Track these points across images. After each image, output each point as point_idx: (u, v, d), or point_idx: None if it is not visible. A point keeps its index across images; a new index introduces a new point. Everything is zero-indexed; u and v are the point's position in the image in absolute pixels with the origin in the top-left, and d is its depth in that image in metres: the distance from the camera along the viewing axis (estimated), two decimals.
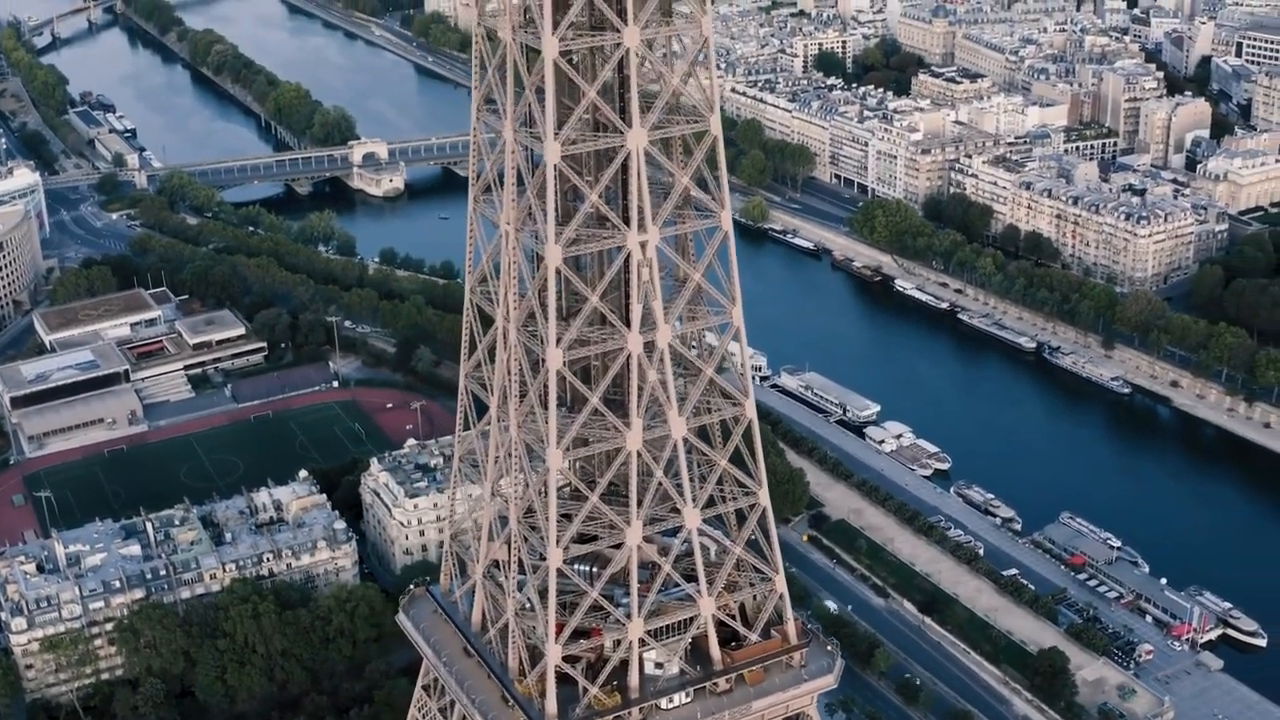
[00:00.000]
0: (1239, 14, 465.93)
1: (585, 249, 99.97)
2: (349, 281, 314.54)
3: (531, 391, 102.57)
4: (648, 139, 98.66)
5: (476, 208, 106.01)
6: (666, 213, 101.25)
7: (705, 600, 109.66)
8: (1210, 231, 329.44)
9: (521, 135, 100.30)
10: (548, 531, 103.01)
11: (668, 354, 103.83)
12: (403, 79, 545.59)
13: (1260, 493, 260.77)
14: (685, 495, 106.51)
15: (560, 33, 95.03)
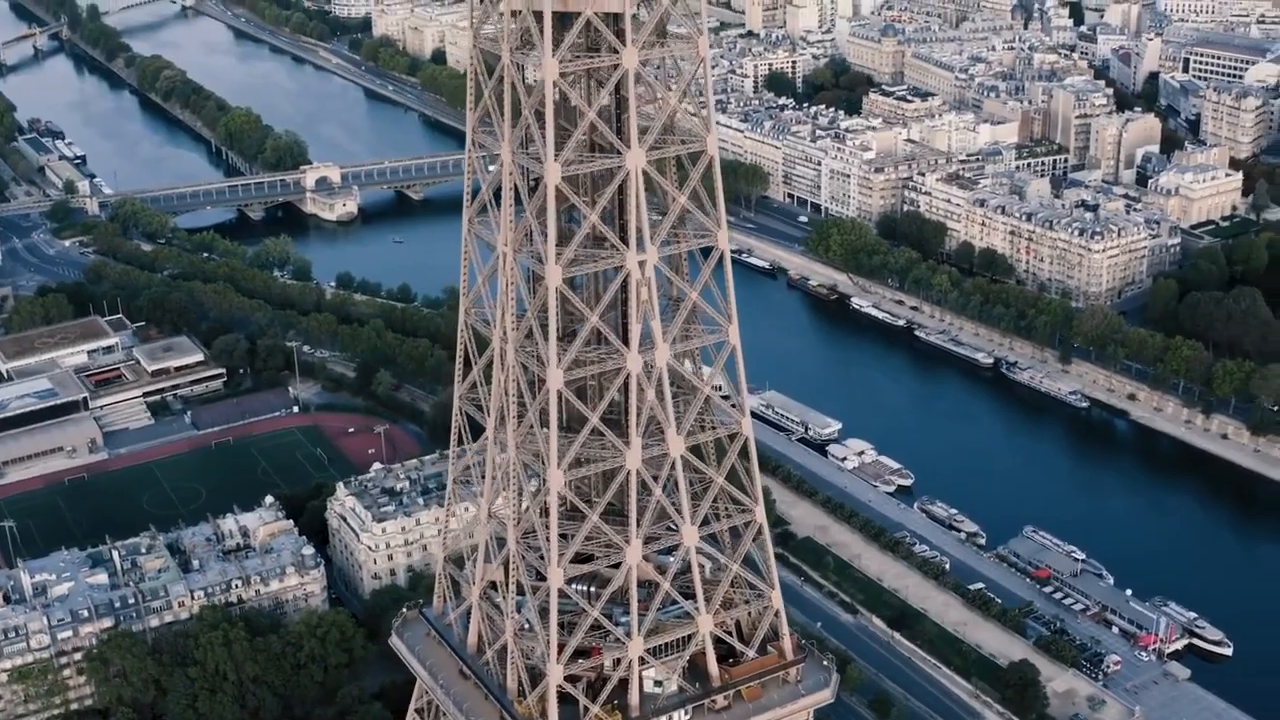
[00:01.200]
0: (1185, 30, 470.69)
1: (585, 269, 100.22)
2: (306, 306, 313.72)
3: (531, 412, 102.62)
4: (646, 159, 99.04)
5: (471, 229, 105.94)
6: (664, 232, 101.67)
7: (704, 617, 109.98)
8: (1163, 246, 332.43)
9: (519, 156, 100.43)
10: (549, 551, 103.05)
11: (666, 373, 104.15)
12: (352, 103, 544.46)
13: (1219, 503, 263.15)
14: (684, 513, 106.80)
15: (560, 55, 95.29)
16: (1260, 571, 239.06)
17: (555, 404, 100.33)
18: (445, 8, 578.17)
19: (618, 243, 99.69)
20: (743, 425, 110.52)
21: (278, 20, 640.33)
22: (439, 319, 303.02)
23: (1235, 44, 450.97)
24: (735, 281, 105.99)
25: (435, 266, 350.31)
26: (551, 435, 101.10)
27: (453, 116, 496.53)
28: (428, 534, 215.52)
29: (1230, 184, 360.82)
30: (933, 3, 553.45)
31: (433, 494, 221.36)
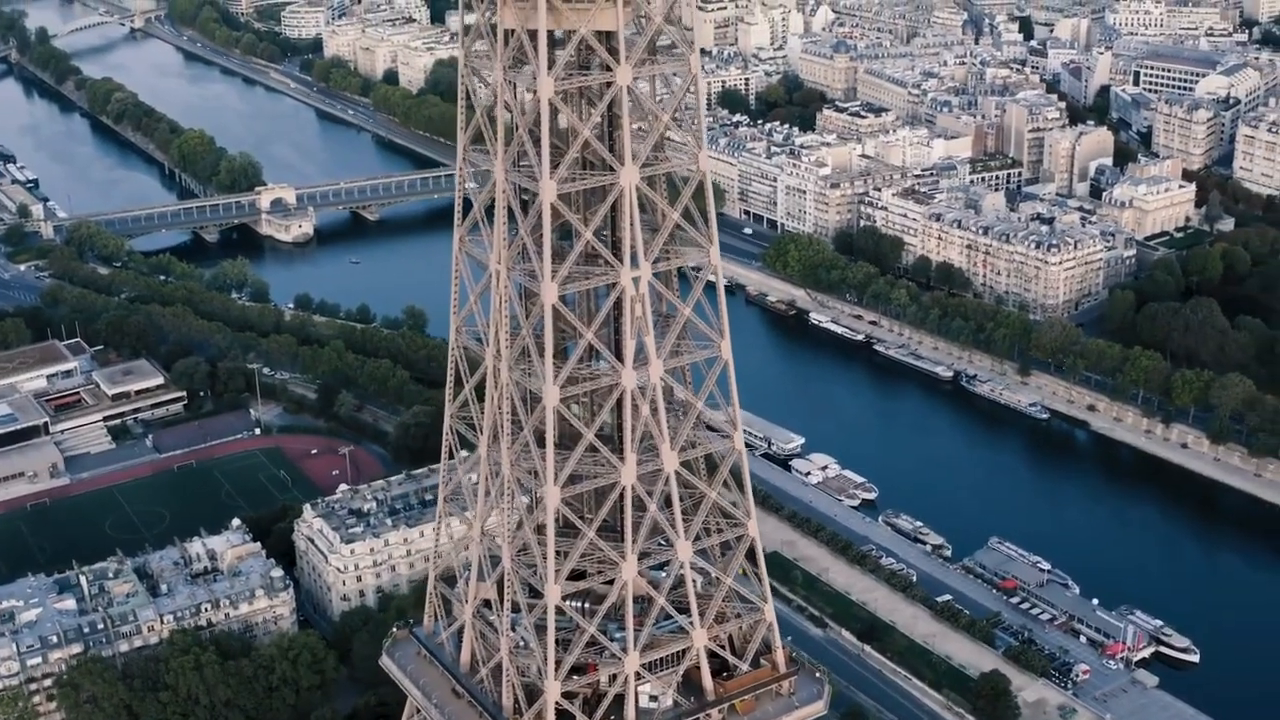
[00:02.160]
0: (1135, 43, 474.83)
1: (580, 286, 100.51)
2: (266, 328, 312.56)
3: (526, 429, 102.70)
4: (639, 176, 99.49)
5: (462, 247, 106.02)
6: (657, 249, 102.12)
7: (698, 632, 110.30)
8: (1119, 257, 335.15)
9: (513, 174, 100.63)
10: (545, 569, 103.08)
11: (660, 389, 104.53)
12: (305, 124, 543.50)
13: (1180, 512, 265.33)
14: (677, 528, 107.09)
15: (556, 73, 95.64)
16: (1223, 579, 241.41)
17: (552, 421, 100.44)
18: (396, 28, 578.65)
19: (612, 259, 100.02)
20: (735, 440, 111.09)
21: (228, 42, 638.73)
22: (399, 339, 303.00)
23: (1185, 57, 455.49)
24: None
25: (393, 287, 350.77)
26: (548, 452, 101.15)
27: (405, 137, 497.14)
28: (396, 555, 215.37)
29: (1184, 196, 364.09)
30: (884, 19, 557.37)
31: (400, 515, 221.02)
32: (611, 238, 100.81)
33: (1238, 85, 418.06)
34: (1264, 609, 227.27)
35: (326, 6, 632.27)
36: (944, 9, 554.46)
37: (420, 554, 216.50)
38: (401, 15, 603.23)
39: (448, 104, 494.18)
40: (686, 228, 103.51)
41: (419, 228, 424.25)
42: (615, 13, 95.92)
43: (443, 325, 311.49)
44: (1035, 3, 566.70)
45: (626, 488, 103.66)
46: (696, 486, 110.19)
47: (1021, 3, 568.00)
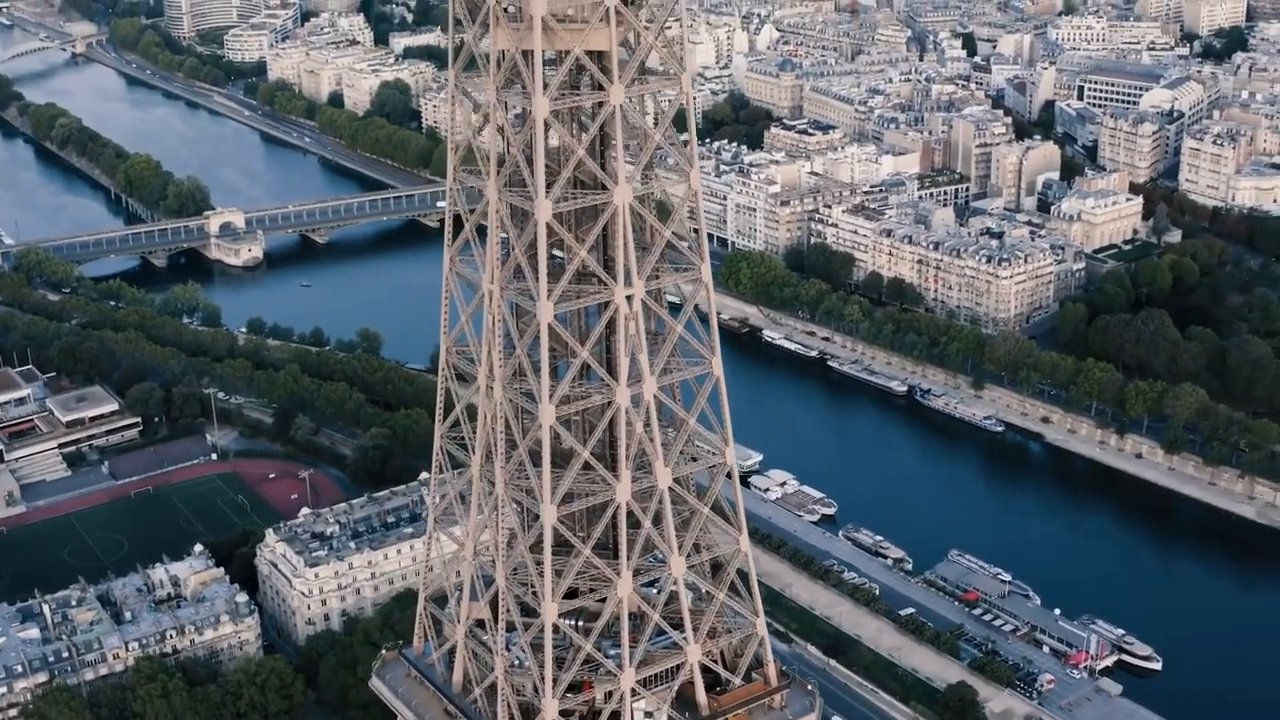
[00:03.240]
0: (1078, 58, 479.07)
1: (574, 305, 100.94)
2: (219, 353, 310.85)
3: (520, 448, 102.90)
4: (633, 195, 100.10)
5: (453, 267, 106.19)
6: (650, 266, 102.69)
7: (692, 647, 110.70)
8: (1069, 270, 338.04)
9: (506, 194, 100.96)
10: (542, 587, 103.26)
11: (654, 405, 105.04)
12: (250, 147, 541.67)
13: (1137, 522, 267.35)
14: (670, 544, 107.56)
15: (550, 93, 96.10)
16: (1181, 586, 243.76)
17: (548, 439, 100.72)
18: (340, 51, 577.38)
19: (606, 277, 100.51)
20: (726, 454, 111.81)
21: (171, 66, 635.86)
22: (355, 362, 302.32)
23: (1128, 71, 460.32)
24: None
25: (346, 309, 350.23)
26: (545, 471, 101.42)
27: (352, 159, 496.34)
28: (360, 578, 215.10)
29: (1131, 208, 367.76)
30: (828, 37, 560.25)
31: (363, 537, 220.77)
32: (603, 256, 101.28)
33: (1181, 98, 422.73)
34: (1222, 615, 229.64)
35: (270, 30, 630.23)
36: (887, 26, 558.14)
37: (384, 576, 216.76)
38: (345, 38, 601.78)
39: (394, 126, 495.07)
40: (679, 245, 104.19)
41: (369, 250, 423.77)
42: (608, 33, 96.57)
43: (397, 347, 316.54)
44: (978, 19, 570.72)
45: (621, 505, 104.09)
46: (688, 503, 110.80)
47: (964, 19, 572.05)
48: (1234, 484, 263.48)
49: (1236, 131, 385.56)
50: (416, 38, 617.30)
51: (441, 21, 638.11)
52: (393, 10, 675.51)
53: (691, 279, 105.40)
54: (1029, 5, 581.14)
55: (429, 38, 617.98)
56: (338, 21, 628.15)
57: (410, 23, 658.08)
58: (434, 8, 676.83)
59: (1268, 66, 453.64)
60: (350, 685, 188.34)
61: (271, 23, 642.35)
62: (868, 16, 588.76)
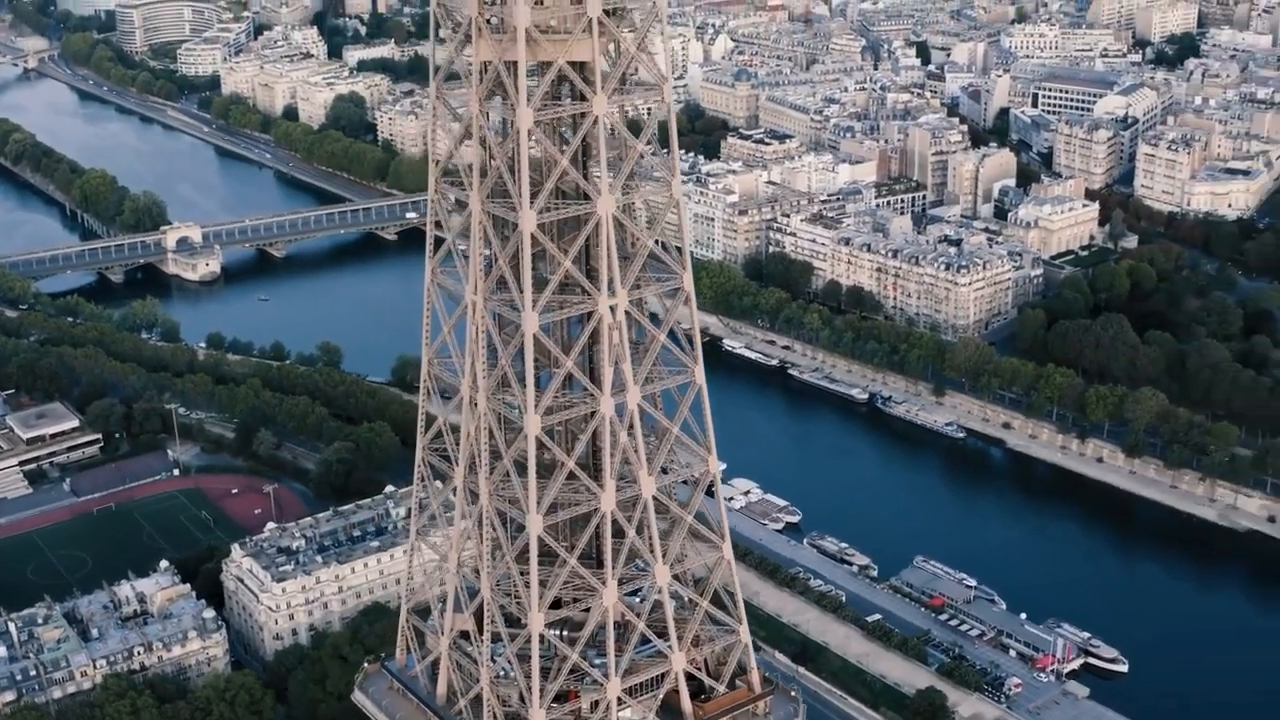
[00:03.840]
0: (1031, 66, 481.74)
1: (559, 315, 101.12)
2: (180, 368, 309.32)
3: (506, 458, 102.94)
4: (615, 205, 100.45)
5: (434, 279, 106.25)
6: (634, 276, 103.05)
7: (677, 655, 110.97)
8: (1027, 277, 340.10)
9: (489, 205, 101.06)
10: (529, 597, 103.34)
11: (638, 414, 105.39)
12: (205, 162, 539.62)
13: (1099, 525, 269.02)
14: (655, 552, 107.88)
15: (535, 104, 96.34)
16: (1145, 589, 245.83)
17: (533, 450, 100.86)
18: (294, 64, 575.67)
19: (590, 287, 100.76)
20: (709, 463, 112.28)
21: (124, 80, 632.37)
22: (316, 376, 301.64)
23: (1081, 78, 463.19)
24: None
25: (305, 323, 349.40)
26: (530, 481, 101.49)
27: (308, 173, 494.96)
28: (328, 592, 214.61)
29: (1087, 214, 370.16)
30: (782, 47, 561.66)
31: (330, 551, 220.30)
32: (585, 266, 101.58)
33: (1135, 105, 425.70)
34: (1186, 616, 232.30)
35: (223, 44, 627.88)
36: (841, 36, 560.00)
37: (352, 590, 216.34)
38: (299, 51, 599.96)
39: (350, 139, 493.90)
40: (661, 254, 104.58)
41: (326, 264, 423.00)
42: (591, 44, 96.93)
43: (358, 361, 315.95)
44: (931, 28, 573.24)
45: (606, 514, 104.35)
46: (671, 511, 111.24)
47: (917, 28, 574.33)
48: (1195, 487, 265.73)
49: (1191, 137, 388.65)
50: (370, 51, 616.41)
51: (395, 34, 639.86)
52: (346, 24, 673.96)
53: (673, 288, 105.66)
54: (982, 14, 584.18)
55: (382, 50, 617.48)
56: (291, 35, 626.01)
57: (364, 36, 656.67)
58: (386, 20, 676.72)
59: (1220, 72, 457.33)
60: (320, 700, 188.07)
61: (225, 36, 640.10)
62: (821, 26, 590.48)
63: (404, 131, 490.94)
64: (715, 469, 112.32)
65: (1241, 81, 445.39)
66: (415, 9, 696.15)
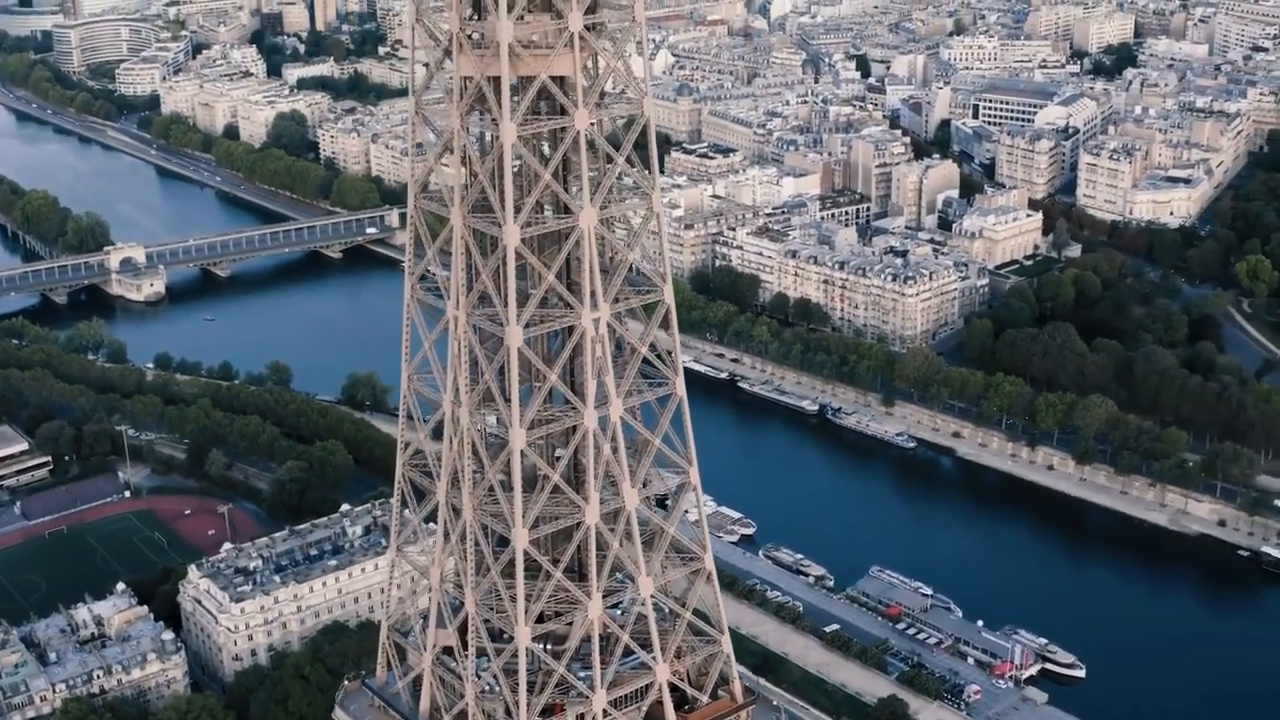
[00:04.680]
0: (971, 77, 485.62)
1: (542, 329, 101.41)
2: (128, 389, 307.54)
3: (490, 473, 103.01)
4: (597, 219, 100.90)
5: (414, 294, 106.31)
6: (615, 289, 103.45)
7: (661, 666, 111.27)
8: (973, 287, 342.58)
9: (471, 220, 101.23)
10: (515, 611, 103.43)
11: (620, 427, 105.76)
12: (146, 181, 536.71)
13: (1051, 532, 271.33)
14: (639, 564, 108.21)
15: (517, 118, 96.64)
16: (1099, 594, 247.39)
17: (519, 464, 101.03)
18: (234, 83, 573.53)
19: (573, 301, 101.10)
20: (690, 474, 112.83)
21: (62, 101, 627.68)
22: (266, 395, 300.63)
23: (1021, 89, 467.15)
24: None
25: (252, 342, 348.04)
26: (516, 495, 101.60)
27: (250, 192, 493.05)
28: (286, 611, 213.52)
29: (1031, 224, 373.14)
30: (724, 61, 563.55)
31: (287, 571, 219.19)
32: (566, 280, 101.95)
33: (1076, 115, 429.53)
34: (1141, 621, 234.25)
35: (161, 63, 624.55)
36: (782, 50, 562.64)
37: (310, 610, 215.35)
38: (238, 70, 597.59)
39: (292, 158, 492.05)
40: (642, 266, 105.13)
41: (271, 283, 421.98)
42: (572, 58, 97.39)
43: (307, 380, 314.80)
44: (870, 40, 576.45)
45: (590, 527, 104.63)
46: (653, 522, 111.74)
47: (857, 41, 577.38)
48: (1145, 492, 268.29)
49: (1132, 146, 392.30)
50: (310, 69, 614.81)
51: (334, 52, 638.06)
52: (284, 42, 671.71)
53: (653, 300, 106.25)
54: (920, 26, 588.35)
55: (322, 69, 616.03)
56: (230, 53, 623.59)
57: (302, 54, 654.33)
58: (325, 39, 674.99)
59: (1158, 82, 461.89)
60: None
61: (163, 56, 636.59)
62: (761, 40, 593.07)
63: (346, 149, 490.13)
64: (696, 480, 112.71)
65: (1180, 91, 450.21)
66: (354, 27, 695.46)
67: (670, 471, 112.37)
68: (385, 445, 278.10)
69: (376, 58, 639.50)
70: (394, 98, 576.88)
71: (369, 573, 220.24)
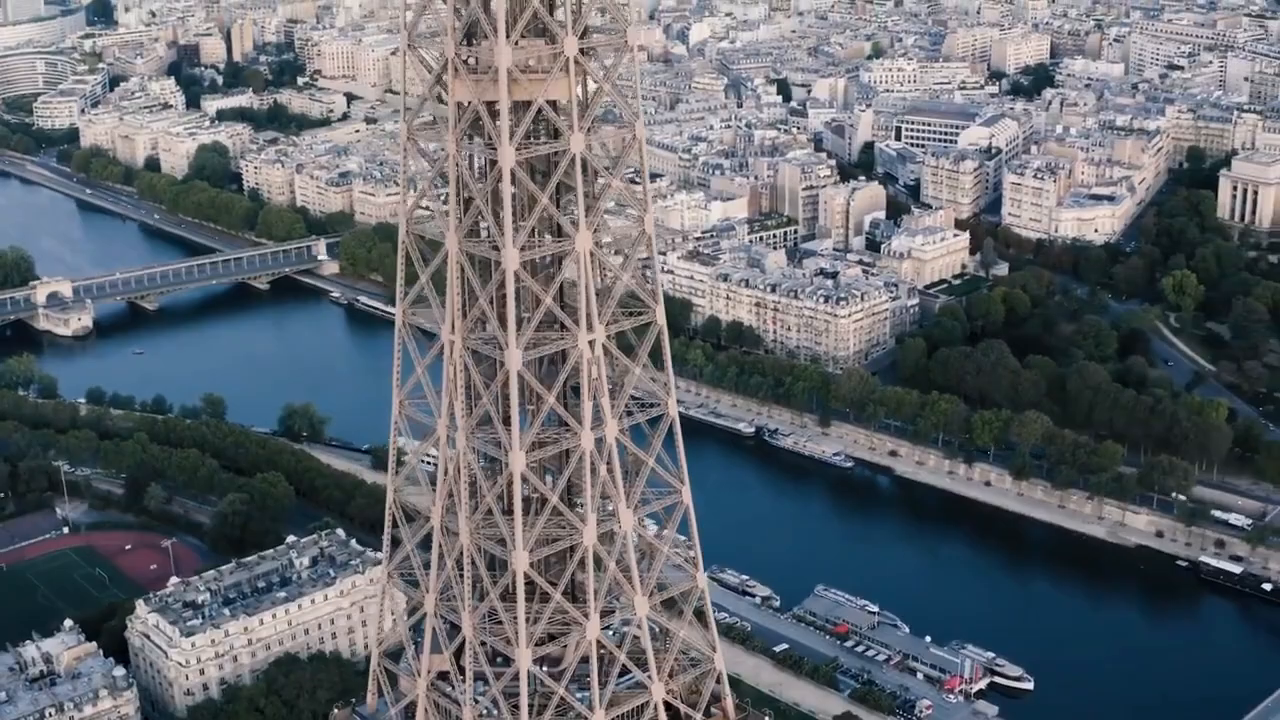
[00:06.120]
0: (892, 100, 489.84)
1: (540, 352, 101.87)
2: (62, 424, 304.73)
3: (489, 496, 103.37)
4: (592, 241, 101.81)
5: (406, 319, 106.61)
6: (610, 311, 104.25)
7: (656, 685, 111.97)
8: (903, 307, 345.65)
9: (467, 244, 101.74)
10: (517, 634, 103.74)
11: (616, 448, 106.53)
12: (67, 215, 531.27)
13: (991, 547, 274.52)
14: (635, 584, 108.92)
15: (515, 142, 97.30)
16: (1041, 607, 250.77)
17: (520, 486, 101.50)
18: (154, 115, 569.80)
19: (570, 323, 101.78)
20: (683, 494, 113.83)
21: None
22: (203, 428, 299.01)
23: (943, 110, 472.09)
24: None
25: (183, 375, 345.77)
26: (516, 518, 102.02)
27: (173, 224, 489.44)
28: (237, 645, 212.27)
29: (959, 244, 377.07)
30: (646, 86, 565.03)
31: (237, 604, 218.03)
32: (560, 303, 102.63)
33: (998, 135, 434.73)
34: (1085, 631, 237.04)
35: (79, 96, 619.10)
36: (703, 75, 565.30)
37: (261, 642, 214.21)
38: (157, 102, 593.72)
39: (215, 189, 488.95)
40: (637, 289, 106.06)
41: (199, 315, 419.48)
42: (568, 82, 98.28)
43: (242, 412, 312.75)
44: (790, 65, 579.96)
45: (588, 547, 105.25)
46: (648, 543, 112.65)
47: (776, 65, 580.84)
48: (1083, 506, 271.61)
49: (1055, 165, 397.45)
50: (229, 100, 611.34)
51: (252, 83, 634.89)
52: (202, 73, 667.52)
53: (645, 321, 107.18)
54: (839, 50, 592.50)
55: (241, 99, 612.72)
56: (148, 86, 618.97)
57: (220, 85, 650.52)
58: (243, 69, 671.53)
59: (1077, 101, 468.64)
60: None
61: (80, 89, 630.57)
62: (682, 66, 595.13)
63: (270, 180, 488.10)
64: (688, 499, 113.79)
65: (1099, 109, 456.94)
66: (272, 57, 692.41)
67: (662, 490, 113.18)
68: (326, 476, 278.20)
69: (296, 88, 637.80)
70: (315, 128, 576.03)
71: (319, 604, 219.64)
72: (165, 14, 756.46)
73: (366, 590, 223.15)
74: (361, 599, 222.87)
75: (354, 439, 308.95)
